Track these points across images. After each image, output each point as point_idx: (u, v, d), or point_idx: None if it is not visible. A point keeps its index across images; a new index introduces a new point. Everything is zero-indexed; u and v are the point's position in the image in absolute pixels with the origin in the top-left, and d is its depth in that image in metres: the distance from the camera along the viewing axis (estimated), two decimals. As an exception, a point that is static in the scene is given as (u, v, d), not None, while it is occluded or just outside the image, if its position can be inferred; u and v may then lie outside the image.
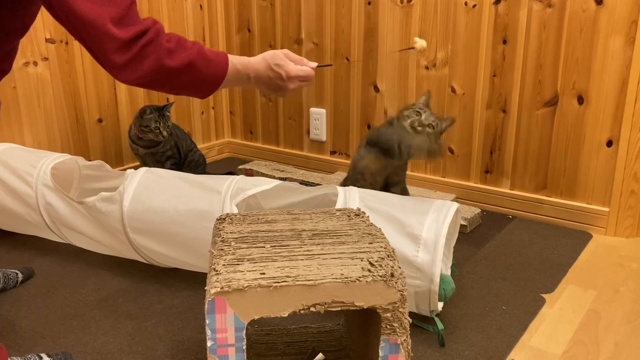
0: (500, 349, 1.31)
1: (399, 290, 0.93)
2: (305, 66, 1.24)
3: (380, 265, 0.94)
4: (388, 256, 0.98)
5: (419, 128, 1.57)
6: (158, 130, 2.05)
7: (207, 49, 1.14)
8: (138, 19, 1.04)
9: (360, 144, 1.75)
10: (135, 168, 1.74)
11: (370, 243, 1.03)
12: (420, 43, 1.41)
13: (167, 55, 1.06)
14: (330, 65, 1.47)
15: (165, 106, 2.10)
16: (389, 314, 0.94)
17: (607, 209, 1.91)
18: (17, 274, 1.59)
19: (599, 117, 1.87)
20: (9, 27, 1.11)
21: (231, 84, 1.20)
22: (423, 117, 1.57)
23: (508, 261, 1.74)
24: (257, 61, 1.22)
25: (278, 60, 1.22)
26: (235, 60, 1.19)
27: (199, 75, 1.12)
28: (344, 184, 1.75)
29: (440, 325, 1.33)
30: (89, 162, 1.81)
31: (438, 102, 2.16)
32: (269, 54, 1.23)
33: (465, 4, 2.02)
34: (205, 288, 0.93)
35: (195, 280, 1.61)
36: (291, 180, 2.31)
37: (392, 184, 1.72)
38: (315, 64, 1.26)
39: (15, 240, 1.86)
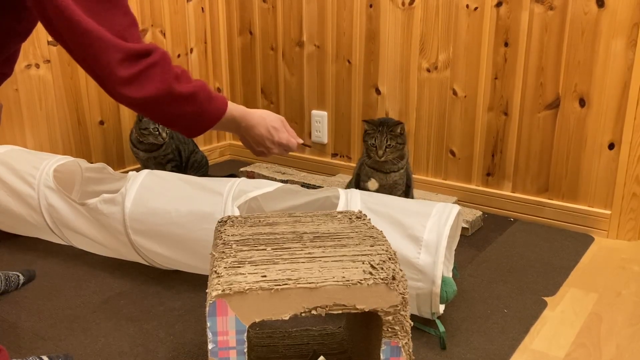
0: (501, 352, 1.31)
1: (401, 293, 0.93)
2: (293, 139, 1.30)
3: (382, 268, 0.94)
4: (389, 259, 0.98)
5: (382, 159, 1.66)
6: (157, 132, 2.05)
7: (210, 87, 1.14)
8: (141, 40, 1.02)
9: (359, 163, 1.79)
10: (137, 170, 1.74)
11: (371, 246, 1.03)
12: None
13: (175, 79, 1.04)
14: (309, 146, 1.61)
15: None
16: (390, 317, 0.94)
17: (609, 212, 1.91)
18: (18, 276, 1.59)
19: (601, 120, 1.86)
20: (11, 31, 1.11)
21: (223, 127, 1.19)
22: (379, 152, 1.64)
23: (510, 264, 1.74)
24: (255, 116, 1.24)
25: (275, 124, 1.26)
26: (233, 107, 1.18)
27: (199, 109, 1.10)
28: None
29: (442, 328, 1.33)
30: (91, 164, 1.82)
31: (439, 104, 2.16)
32: (270, 115, 1.26)
33: (467, 6, 2.02)
34: (207, 290, 0.93)
35: (197, 283, 1.61)
36: (292, 182, 2.32)
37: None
38: (301, 141, 1.33)
39: (16, 242, 1.86)
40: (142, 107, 1.04)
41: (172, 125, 1.11)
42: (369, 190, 1.69)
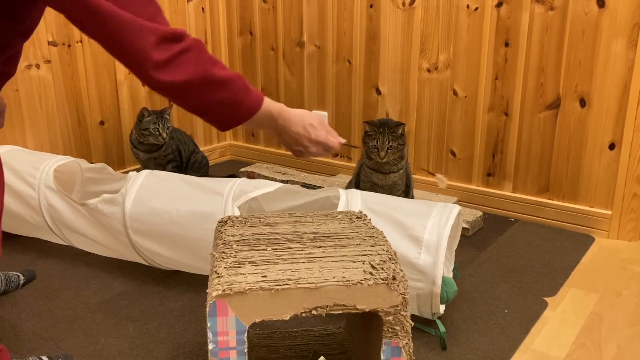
0: (502, 352, 1.30)
1: (401, 293, 0.93)
2: (334, 139, 1.25)
3: (382, 268, 0.94)
4: (390, 259, 0.98)
5: (384, 160, 1.67)
6: (157, 132, 2.05)
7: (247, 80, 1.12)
8: (169, 25, 1.01)
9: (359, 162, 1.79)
10: (137, 171, 1.74)
11: (372, 246, 1.03)
12: (442, 182, 1.47)
13: (211, 64, 1.02)
14: (356, 147, 1.57)
15: (164, 109, 2.10)
16: (390, 317, 0.93)
17: (609, 212, 1.91)
18: (18, 276, 1.59)
19: (602, 120, 1.86)
20: (13, 31, 1.11)
21: (258, 123, 1.15)
22: (381, 153, 1.66)
23: (510, 264, 1.73)
24: (293, 114, 1.20)
25: (313, 122, 1.22)
26: (270, 102, 1.15)
27: (235, 98, 1.07)
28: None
29: (442, 328, 1.33)
30: (91, 165, 1.82)
31: (440, 105, 2.16)
32: (307, 113, 1.23)
33: (467, 6, 2.02)
34: (207, 291, 0.92)
35: (197, 283, 1.61)
36: (293, 182, 2.31)
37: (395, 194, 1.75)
38: (343, 140, 1.27)
39: (17, 242, 1.86)
40: (177, 93, 1.01)
41: (206, 114, 1.08)
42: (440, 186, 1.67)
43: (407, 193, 1.79)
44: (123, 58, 0.99)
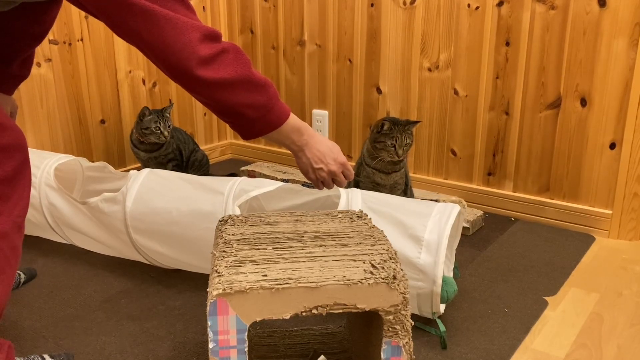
0: (502, 351, 1.30)
1: (401, 293, 0.93)
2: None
3: (383, 268, 0.94)
4: (390, 258, 0.98)
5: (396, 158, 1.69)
6: (159, 131, 2.05)
7: None
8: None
9: (359, 160, 1.79)
10: (138, 169, 1.74)
11: (372, 245, 1.03)
12: None
13: (250, 65, 1.05)
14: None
15: (164, 108, 2.10)
16: (391, 317, 0.94)
17: (610, 212, 1.91)
18: (19, 274, 1.59)
19: (602, 120, 1.86)
20: (31, 33, 1.12)
21: (285, 134, 1.16)
22: (399, 150, 1.67)
23: (511, 264, 1.73)
24: (317, 133, 1.23)
25: (335, 147, 1.26)
26: (297, 119, 1.18)
27: (269, 103, 1.09)
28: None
29: (442, 328, 1.33)
30: (91, 163, 1.82)
31: (441, 104, 2.16)
32: (334, 143, 1.28)
33: (468, 5, 2.02)
34: (207, 290, 0.93)
35: (197, 282, 1.61)
36: (293, 182, 2.32)
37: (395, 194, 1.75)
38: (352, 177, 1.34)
39: (17, 241, 1.86)
40: (219, 90, 1.02)
41: (237, 117, 1.09)
42: None
43: (405, 192, 1.80)
44: (165, 55, 0.99)
